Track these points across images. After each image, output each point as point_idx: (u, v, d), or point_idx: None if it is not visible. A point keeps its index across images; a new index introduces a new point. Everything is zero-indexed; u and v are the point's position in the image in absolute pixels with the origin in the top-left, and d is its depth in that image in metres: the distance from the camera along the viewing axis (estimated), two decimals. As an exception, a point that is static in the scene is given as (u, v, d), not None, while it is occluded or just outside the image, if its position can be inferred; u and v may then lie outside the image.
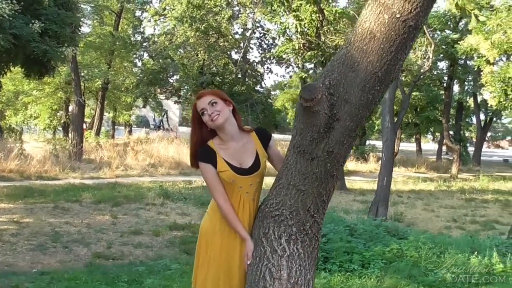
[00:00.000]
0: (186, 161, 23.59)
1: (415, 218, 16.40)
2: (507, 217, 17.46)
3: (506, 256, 10.20)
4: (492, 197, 21.75)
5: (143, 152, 24.81)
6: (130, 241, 10.95)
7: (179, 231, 12.08)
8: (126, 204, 14.39)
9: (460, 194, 22.09)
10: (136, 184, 17.70)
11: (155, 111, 45.75)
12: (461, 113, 37.63)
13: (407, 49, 2.59)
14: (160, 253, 10.37)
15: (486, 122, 40.79)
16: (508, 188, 25.42)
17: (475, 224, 16.18)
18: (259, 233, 3.00)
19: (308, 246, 2.92)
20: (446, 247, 10.32)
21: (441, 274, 8.79)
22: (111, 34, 28.02)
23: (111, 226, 12.05)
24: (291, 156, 2.86)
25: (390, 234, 11.37)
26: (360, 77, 2.59)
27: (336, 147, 2.72)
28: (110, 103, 35.15)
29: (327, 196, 2.92)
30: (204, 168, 3.13)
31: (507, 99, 19.39)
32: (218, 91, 3.32)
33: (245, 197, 3.16)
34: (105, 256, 9.86)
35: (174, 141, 28.22)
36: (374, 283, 8.45)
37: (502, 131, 70.68)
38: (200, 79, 19.84)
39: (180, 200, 15.40)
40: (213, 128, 3.14)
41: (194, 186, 18.24)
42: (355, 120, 2.67)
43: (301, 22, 18.13)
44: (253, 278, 2.87)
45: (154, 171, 21.68)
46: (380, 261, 9.31)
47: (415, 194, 21.23)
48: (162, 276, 8.39)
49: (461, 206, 19.22)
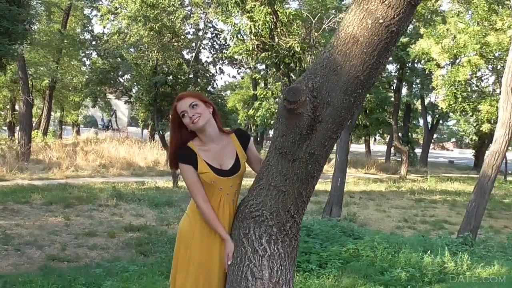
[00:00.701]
0: (138, 161, 23.43)
1: (367, 218, 16.70)
2: (455, 216, 17.97)
3: (457, 255, 10.53)
4: (440, 198, 22.36)
5: (93, 152, 24.42)
6: (85, 243, 10.78)
7: (134, 232, 11.95)
8: (79, 206, 14.13)
9: (410, 194, 22.64)
10: (87, 185, 17.39)
11: (103, 111, 45.17)
12: (409, 115, 38.51)
13: (389, 54, 2.66)
14: (117, 255, 10.23)
15: (433, 124, 41.90)
16: (454, 188, 26.18)
17: (425, 224, 16.60)
18: (239, 233, 3.03)
19: (288, 246, 2.97)
20: (400, 246, 10.57)
21: (396, 273, 9.00)
22: (60, 32, 27.44)
23: (64, 228, 11.82)
24: (272, 157, 2.90)
25: (346, 234, 11.56)
26: (343, 80, 2.64)
27: (318, 149, 2.77)
28: (58, 103, 34.46)
29: (307, 196, 2.98)
30: (185, 169, 3.13)
31: (456, 102, 19.97)
32: (198, 93, 3.33)
33: (225, 198, 3.18)
34: (59, 259, 9.66)
35: (125, 142, 27.91)
36: (332, 283, 8.58)
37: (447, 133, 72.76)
38: (154, 79, 19.61)
39: (133, 201, 15.20)
40: (193, 130, 3.14)
41: (147, 187, 18.05)
42: (337, 122, 2.72)
43: (255, 23, 18.15)
44: (235, 278, 2.89)
45: (105, 172, 21.37)
46: (337, 261, 9.46)
47: (367, 195, 21.61)
48: (120, 278, 8.29)
49: (411, 207, 19.69)
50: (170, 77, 21.37)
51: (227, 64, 29.80)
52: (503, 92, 13.28)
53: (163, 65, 20.71)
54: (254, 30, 18.18)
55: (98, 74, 24.21)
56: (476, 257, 11.14)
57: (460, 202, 21.28)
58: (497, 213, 20.14)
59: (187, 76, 22.74)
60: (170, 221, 13.20)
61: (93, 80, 24.79)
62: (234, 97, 45.25)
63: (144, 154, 25.24)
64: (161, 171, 23.16)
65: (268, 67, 26.92)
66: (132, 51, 21.71)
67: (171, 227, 12.65)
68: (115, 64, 23.87)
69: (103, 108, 41.67)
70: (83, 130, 42.72)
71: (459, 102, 20.00)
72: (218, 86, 36.78)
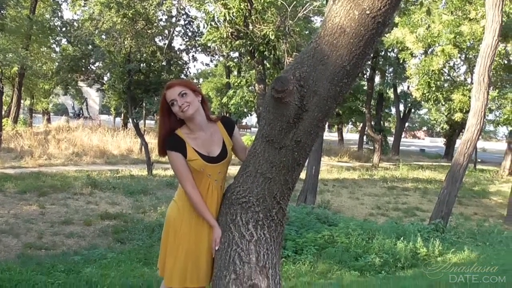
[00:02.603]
0: (111, 149, 23.29)
1: (341, 205, 16.91)
2: (427, 204, 18.31)
3: (428, 241, 10.79)
4: (412, 185, 22.71)
5: (65, 140, 24.20)
6: (61, 231, 10.77)
7: (111, 220, 11.96)
8: (53, 194, 14.05)
9: (382, 182, 22.94)
10: (61, 174, 17.23)
11: (75, 99, 44.63)
12: (382, 104, 38.88)
13: (375, 44, 2.73)
14: (94, 243, 10.26)
15: (405, 113, 42.37)
16: (426, 176, 26.58)
17: (397, 211, 16.88)
18: (226, 219, 3.10)
19: (274, 231, 3.04)
20: (373, 233, 10.78)
21: (370, 258, 9.21)
22: (28, 18, 26.97)
23: (39, 216, 11.78)
24: (259, 145, 2.96)
25: (321, 221, 11.72)
26: (330, 70, 2.70)
27: (304, 137, 2.84)
28: (27, 90, 33.93)
29: (292, 183, 3.05)
30: (173, 156, 3.18)
31: (430, 91, 20.22)
32: (187, 81, 3.36)
33: (213, 185, 3.24)
34: (36, 247, 9.66)
35: (98, 130, 27.68)
36: (308, 268, 8.73)
37: (419, 121, 73.66)
38: (127, 67, 19.44)
39: (108, 189, 15.15)
40: (183, 118, 3.18)
41: (122, 175, 17.98)
42: (323, 111, 2.79)
43: (230, 10, 18.13)
44: (222, 263, 2.95)
45: (78, 160, 21.19)
46: (313, 247, 9.62)
47: (340, 183, 21.83)
48: (99, 265, 8.33)
49: (383, 194, 19.97)
50: (143, 64, 21.24)
51: (200, 52, 29.60)
52: (476, 81, 13.53)
53: (137, 52, 20.54)
54: (228, 17, 18.16)
55: (69, 61, 23.86)
56: (447, 243, 11.43)
57: (432, 189, 21.65)
58: (467, 200, 20.56)
59: (161, 64, 22.61)
60: (146, 209, 13.22)
61: (64, 67, 24.41)
62: (207, 85, 45.07)
63: (118, 142, 25.09)
64: (135, 159, 23.07)
65: (241, 55, 26.93)
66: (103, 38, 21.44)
67: (147, 215, 12.68)
68: (86, 51, 23.57)
69: (74, 96, 41.15)
70: (53, 118, 42.13)
71: (432, 91, 20.27)
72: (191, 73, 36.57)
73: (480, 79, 13.37)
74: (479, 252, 10.48)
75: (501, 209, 19.55)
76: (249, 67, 26.42)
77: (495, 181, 29.09)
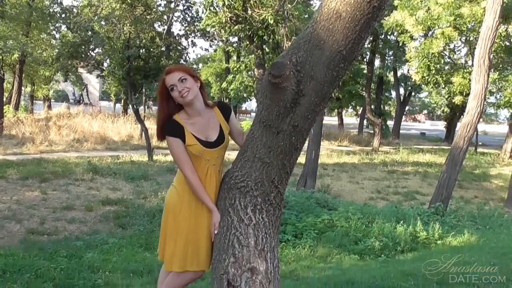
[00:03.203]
0: (112, 136, 23.34)
1: (341, 190, 16.97)
2: (427, 187, 18.36)
3: (428, 224, 10.85)
4: (412, 169, 22.75)
5: (66, 127, 24.28)
6: (63, 217, 10.86)
7: (112, 206, 12.06)
8: (55, 180, 14.12)
9: (382, 166, 22.97)
10: (62, 160, 17.30)
11: (75, 85, 44.65)
12: (382, 87, 38.78)
13: (371, 29, 2.74)
14: (95, 228, 10.35)
15: (405, 96, 42.31)
16: (426, 160, 26.61)
17: (397, 195, 16.94)
18: (225, 204, 3.13)
19: (272, 215, 3.07)
20: (373, 217, 10.84)
21: (370, 242, 9.27)
22: (28, 5, 26.90)
23: (41, 202, 11.87)
24: (256, 130, 2.98)
25: (321, 206, 11.79)
26: (326, 55, 2.72)
27: (301, 121, 2.86)
28: (28, 77, 33.97)
29: (290, 168, 3.08)
30: (172, 142, 3.20)
31: (430, 74, 20.17)
32: (186, 67, 3.38)
33: (212, 169, 3.28)
34: (39, 232, 9.76)
35: (98, 116, 27.72)
36: (308, 253, 8.81)
37: (419, 105, 73.55)
38: (127, 53, 19.42)
39: (109, 175, 15.22)
40: (182, 103, 3.21)
41: (122, 161, 18.04)
42: (320, 95, 2.81)
43: (229, -5, 18.08)
44: (222, 246, 2.99)
45: (79, 147, 21.26)
46: (313, 232, 9.70)
47: (340, 167, 21.88)
48: (101, 250, 8.43)
49: (383, 178, 20.03)
50: (143, 50, 21.21)
51: (199, 37, 29.54)
52: (476, 64, 13.50)
53: (136, 38, 20.51)
54: (227, 2, 18.09)
55: (69, 47, 23.81)
56: (447, 226, 11.49)
57: (432, 173, 21.69)
58: (467, 183, 20.61)
59: (160, 50, 22.58)
60: (147, 194, 13.30)
61: (63, 54, 24.36)
62: (207, 70, 45.01)
63: (118, 129, 25.15)
64: (135, 145, 23.14)
65: (241, 39, 26.84)
66: (102, 24, 21.40)
67: (147, 200, 12.76)
68: (86, 37, 23.53)
69: (74, 83, 41.21)
70: (54, 105, 42.16)
71: (432, 74, 20.22)
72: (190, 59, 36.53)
73: (480, 61, 13.35)
74: (479, 235, 10.54)
75: (501, 192, 19.60)
76: (248, 52, 26.36)
77: (496, 164, 29.11)
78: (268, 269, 2.87)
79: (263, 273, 2.84)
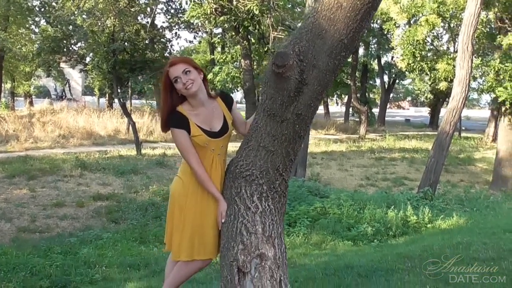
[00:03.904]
0: (98, 131, 23.22)
1: (331, 177, 17.10)
2: (414, 173, 18.57)
3: (418, 209, 11.02)
4: (399, 155, 22.96)
5: (51, 123, 24.05)
6: (54, 214, 10.84)
7: (103, 201, 12.04)
8: (43, 177, 14.04)
9: (370, 153, 23.15)
10: (49, 157, 17.17)
11: (57, 81, 44.19)
12: (366, 75, 38.97)
13: (370, 18, 2.81)
14: (88, 224, 10.35)
15: (390, 83, 42.54)
16: (412, 146, 26.85)
17: (386, 181, 17.12)
18: (231, 192, 3.18)
19: (277, 202, 3.14)
20: (364, 203, 10.99)
21: (363, 228, 9.40)
22: (5, -2, 26.60)
23: (31, 199, 11.82)
24: (260, 119, 3.04)
25: (312, 194, 11.91)
26: (328, 44, 2.78)
27: (305, 110, 2.92)
28: (8, 73, 33.54)
29: (294, 155, 3.14)
30: (177, 133, 3.24)
31: (415, 61, 20.33)
32: (189, 59, 3.40)
33: (217, 159, 3.33)
34: (30, 230, 9.74)
35: (83, 111, 27.52)
36: (302, 240, 8.91)
37: (403, 92, 73.90)
38: (112, 46, 19.30)
39: (98, 170, 15.16)
40: (185, 95, 3.25)
41: (111, 156, 17.98)
42: (322, 84, 2.87)
43: (213, -14, 18.04)
44: (230, 234, 3.05)
45: (65, 143, 21.13)
46: (306, 220, 9.81)
47: (328, 155, 22.01)
48: (95, 246, 8.45)
49: (372, 165, 20.20)
50: (128, 43, 21.08)
51: (183, 29, 29.41)
52: (460, 50, 13.65)
53: (120, 31, 20.38)
54: (212, -7, 18.04)
55: (50, 42, 23.55)
56: (436, 210, 11.67)
57: (418, 158, 21.92)
58: (453, 168, 20.87)
59: (145, 42, 22.46)
60: (138, 188, 13.29)
61: (45, 49, 24.10)
62: (191, 62, 44.75)
63: (104, 123, 24.97)
64: (123, 139, 23.04)
65: (225, 31, 26.76)
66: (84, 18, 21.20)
67: (139, 195, 12.76)
68: (67, 31, 23.30)
69: (56, 78, 40.74)
70: (36, 101, 41.68)
71: (417, 61, 20.39)
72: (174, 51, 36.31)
73: (464, 47, 13.50)
74: (467, 217, 10.73)
75: (486, 175, 19.89)
76: (233, 43, 26.28)
77: (479, 148, 29.50)
78: (276, 255, 2.94)
79: (272, 259, 2.90)
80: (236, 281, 2.87)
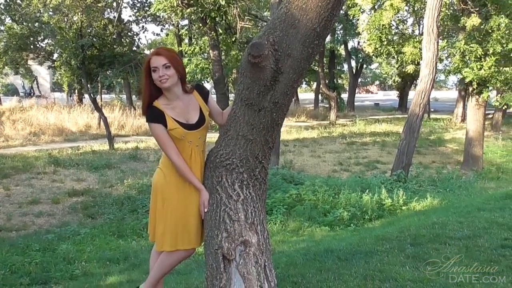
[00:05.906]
0: (69, 127, 23.02)
1: (304, 164, 17.23)
2: (386, 156, 18.82)
3: (392, 191, 11.21)
4: (370, 139, 23.22)
5: (21, 121, 23.72)
6: (30, 211, 10.76)
7: (78, 197, 11.99)
8: (16, 175, 13.89)
9: (341, 139, 23.38)
10: (21, 154, 16.98)
11: (24, 78, 43.58)
12: (334, 61, 39.20)
13: (341, 6, 2.89)
14: (64, 220, 10.31)
15: (357, 68, 42.87)
16: (382, 129, 27.19)
17: (359, 166, 17.31)
18: (212, 182, 3.25)
19: (258, 189, 3.22)
20: (339, 188, 11.14)
21: (339, 213, 9.55)
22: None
23: (5, 198, 11.71)
24: (238, 109, 3.11)
25: (287, 181, 12.01)
26: (301, 33, 2.86)
27: (281, 98, 3.00)
28: (-27, 72, 33.02)
29: (272, 143, 3.23)
30: (155, 128, 3.30)
31: (382, 45, 20.54)
32: (175, 57, 3.36)
33: (195, 150, 3.39)
34: (7, 229, 9.66)
35: (53, 108, 27.23)
36: (280, 227, 9.02)
37: (371, 76, 74.49)
38: (80, 42, 19.10)
39: (72, 166, 15.05)
40: (159, 86, 3.30)
41: (83, 152, 17.86)
42: (297, 72, 2.95)
43: (178, -23, 17.89)
44: (213, 223, 3.11)
45: (37, 140, 20.90)
46: (282, 207, 9.92)
47: (300, 142, 22.16)
48: (73, 242, 8.45)
49: (344, 150, 20.41)
50: (96, 38, 20.89)
51: (150, 22, 29.19)
52: (425, 33, 13.87)
53: (88, 27, 20.19)
54: (177, -15, 17.91)
55: (17, 40, 23.26)
56: (410, 192, 11.89)
57: (389, 142, 22.21)
58: (424, 149, 21.20)
59: (112, 37, 22.27)
60: (113, 182, 13.25)
61: (11, 46, 23.79)
62: (159, 55, 44.43)
63: (75, 119, 24.74)
64: (94, 134, 22.90)
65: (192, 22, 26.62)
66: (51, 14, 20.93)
67: (114, 189, 12.73)
68: (34, 28, 23.00)
69: (24, 75, 40.20)
70: (4, 99, 41.05)
71: (384, 46, 20.58)
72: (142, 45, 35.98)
73: (429, 30, 13.71)
74: (441, 198, 10.95)
75: (457, 156, 20.25)
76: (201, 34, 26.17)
77: (449, 129, 30.00)
78: (260, 241, 3.01)
79: (256, 245, 2.97)
80: (221, 268, 2.93)
